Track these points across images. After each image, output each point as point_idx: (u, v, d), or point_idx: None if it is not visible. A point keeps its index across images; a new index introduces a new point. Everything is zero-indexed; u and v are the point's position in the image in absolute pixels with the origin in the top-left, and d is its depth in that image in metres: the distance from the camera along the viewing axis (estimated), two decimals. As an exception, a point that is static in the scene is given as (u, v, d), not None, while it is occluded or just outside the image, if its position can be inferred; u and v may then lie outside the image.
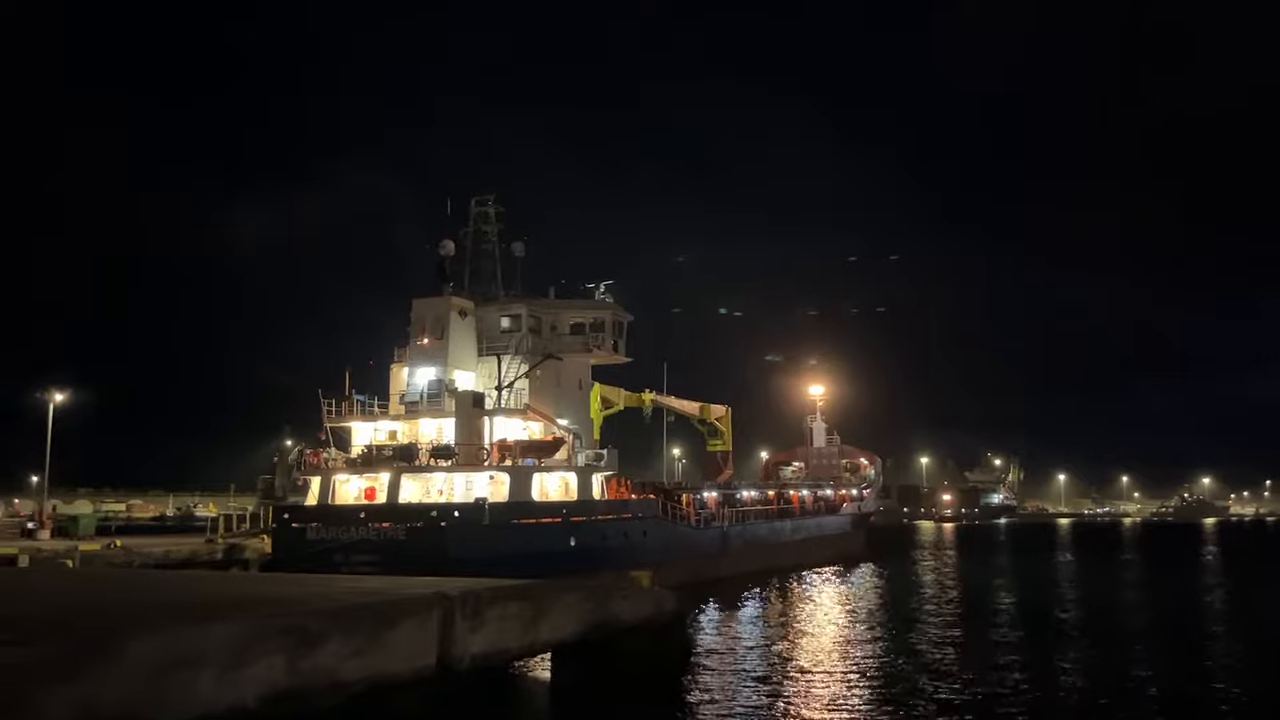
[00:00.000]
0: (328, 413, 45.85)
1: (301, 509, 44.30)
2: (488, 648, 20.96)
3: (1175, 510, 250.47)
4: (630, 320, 54.45)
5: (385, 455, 44.08)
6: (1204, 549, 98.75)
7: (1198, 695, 24.20)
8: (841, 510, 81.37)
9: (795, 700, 23.32)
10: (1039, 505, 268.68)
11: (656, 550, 48.60)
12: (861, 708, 22.41)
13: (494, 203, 52.50)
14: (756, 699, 23.47)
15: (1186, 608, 44.89)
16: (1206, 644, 32.93)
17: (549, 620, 23.39)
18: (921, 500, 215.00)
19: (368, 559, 39.27)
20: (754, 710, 22.33)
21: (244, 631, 15.04)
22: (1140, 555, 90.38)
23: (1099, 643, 32.75)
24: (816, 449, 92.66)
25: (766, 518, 66.80)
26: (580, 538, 44.42)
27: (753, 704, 22.93)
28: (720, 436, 79.47)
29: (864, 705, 22.67)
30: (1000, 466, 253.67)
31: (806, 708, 22.52)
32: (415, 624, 18.77)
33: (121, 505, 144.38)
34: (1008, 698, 23.49)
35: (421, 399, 46.32)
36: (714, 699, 23.60)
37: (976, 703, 22.84)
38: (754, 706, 22.69)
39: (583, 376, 52.99)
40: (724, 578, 53.04)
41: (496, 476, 43.75)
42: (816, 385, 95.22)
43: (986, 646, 31.38)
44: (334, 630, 16.78)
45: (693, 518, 56.03)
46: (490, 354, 48.09)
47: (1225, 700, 23.52)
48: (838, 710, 22.28)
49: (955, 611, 41.43)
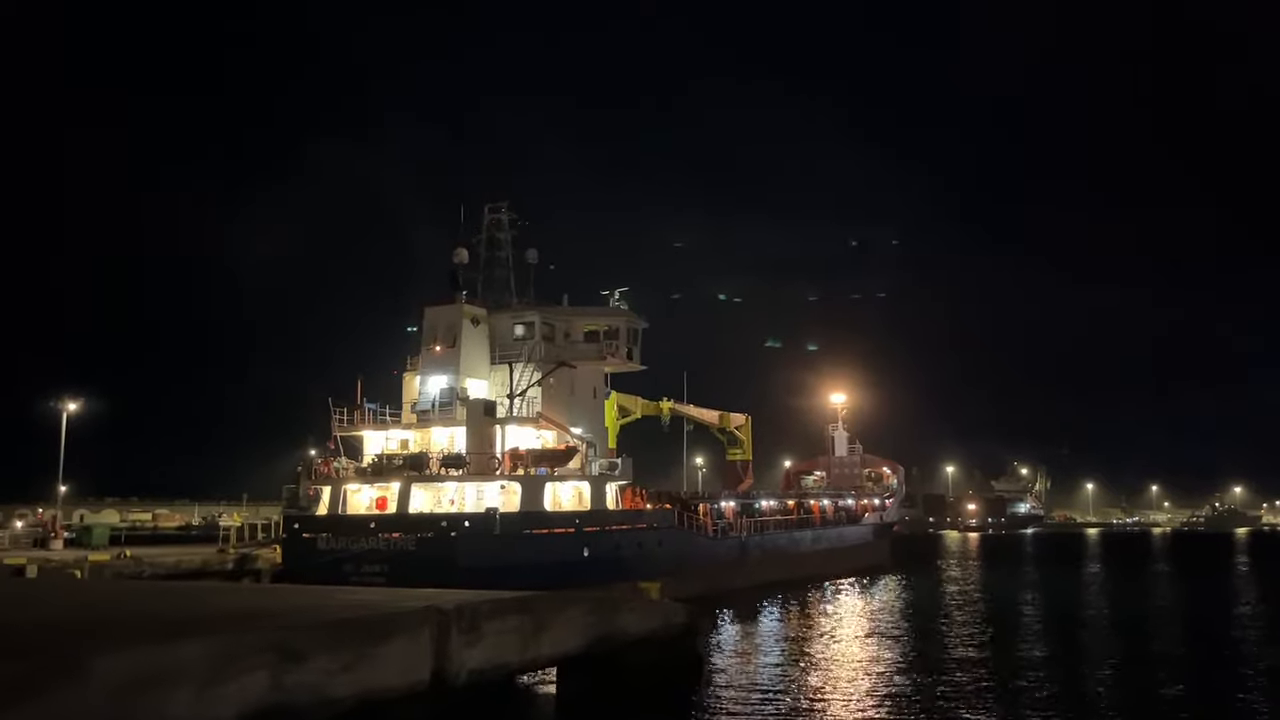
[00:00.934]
0: (338, 421, 45.48)
1: (312, 519, 43.95)
2: (485, 662, 20.41)
3: (1206, 520, 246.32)
4: (645, 327, 53.82)
5: (395, 465, 43.66)
6: (1236, 559, 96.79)
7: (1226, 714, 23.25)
8: (863, 520, 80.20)
9: (807, 718, 22.54)
10: (1067, 515, 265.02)
11: (672, 561, 47.82)
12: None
13: (507, 209, 52.08)
14: (766, 716, 22.69)
15: (1217, 619, 43.62)
16: (1239, 663, 31.84)
17: (551, 633, 22.78)
18: (947, 509, 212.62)
19: (377, 570, 38.91)
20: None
21: (221, 648, 14.50)
22: (1171, 566, 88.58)
23: (1128, 663, 31.74)
24: (838, 458, 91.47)
25: (786, 528, 65.84)
26: (593, 548, 43.77)
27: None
28: (740, 445, 78.59)
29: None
30: (1027, 475, 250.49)
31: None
32: (408, 638, 18.27)
33: (148, 514, 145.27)
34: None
35: (433, 407, 45.88)
36: (723, 714, 22.86)
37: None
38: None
39: (597, 384, 52.35)
40: (742, 589, 52.15)
41: (508, 486, 43.20)
42: (838, 393, 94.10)
43: (1011, 665, 30.40)
44: (320, 645, 16.26)
45: (710, 528, 55.23)
46: (503, 362, 47.55)
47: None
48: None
49: (979, 627, 40.40)
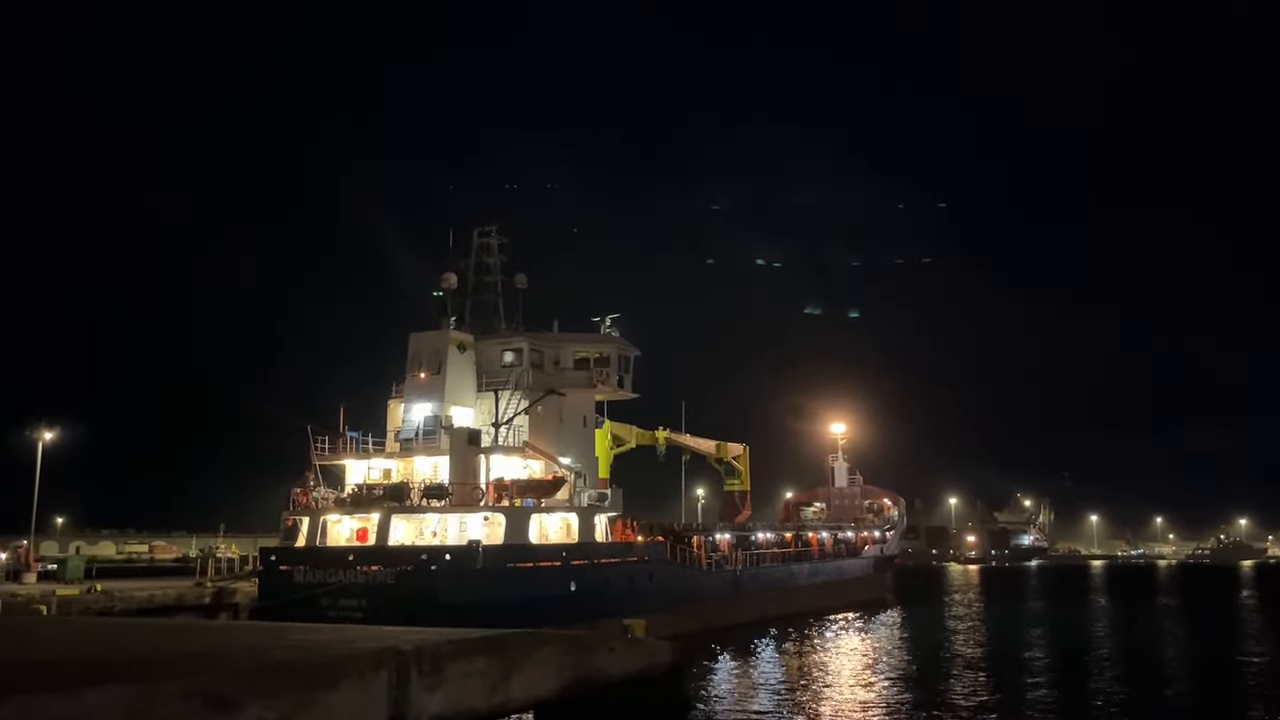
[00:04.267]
0: (318, 450, 44.09)
1: (289, 551, 42.50)
2: (448, 707, 18.82)
3: (1212, 552, 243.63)
4: (637, 355, 52.58)
5: (376, 495, 42.22)
6: (1241, 593, 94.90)
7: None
8: (863, 553, 78.50)
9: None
10: (1071, 547, 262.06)
11: (663, 595, 46.31)
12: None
13: (496, 234, 50.98)
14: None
15: (1224, 660, 42.00)
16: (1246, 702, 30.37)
17: (522, 675, 21.22)
18: (950, 541, 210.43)
19: (355, 604, 37.48)
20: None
21: (137, 696, 13.05)
22: (1177, 600, 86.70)
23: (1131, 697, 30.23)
24: (838, 489, 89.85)
25: (783, 560, 64.19)
26: (581, 582, 42.26)
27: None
28: (738, 476, 77.00)
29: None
30: (1031, 507, 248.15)
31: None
32: (358, 684, 16.67)
33: (144, 546, 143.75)
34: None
35: (417, 436, 44.54)
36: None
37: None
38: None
39: (587, 413, 50.96)
40: (737, 624, 50.52)
41: (492, 517, 41.75)
42: (838, 424, 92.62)
43: (1015, 705, 28.92)
44: (256, 692, 14.76)
45: (704, 561, 53.68)
46: (490, 389, 46.25)
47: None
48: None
49: (981, 666, 38.86)
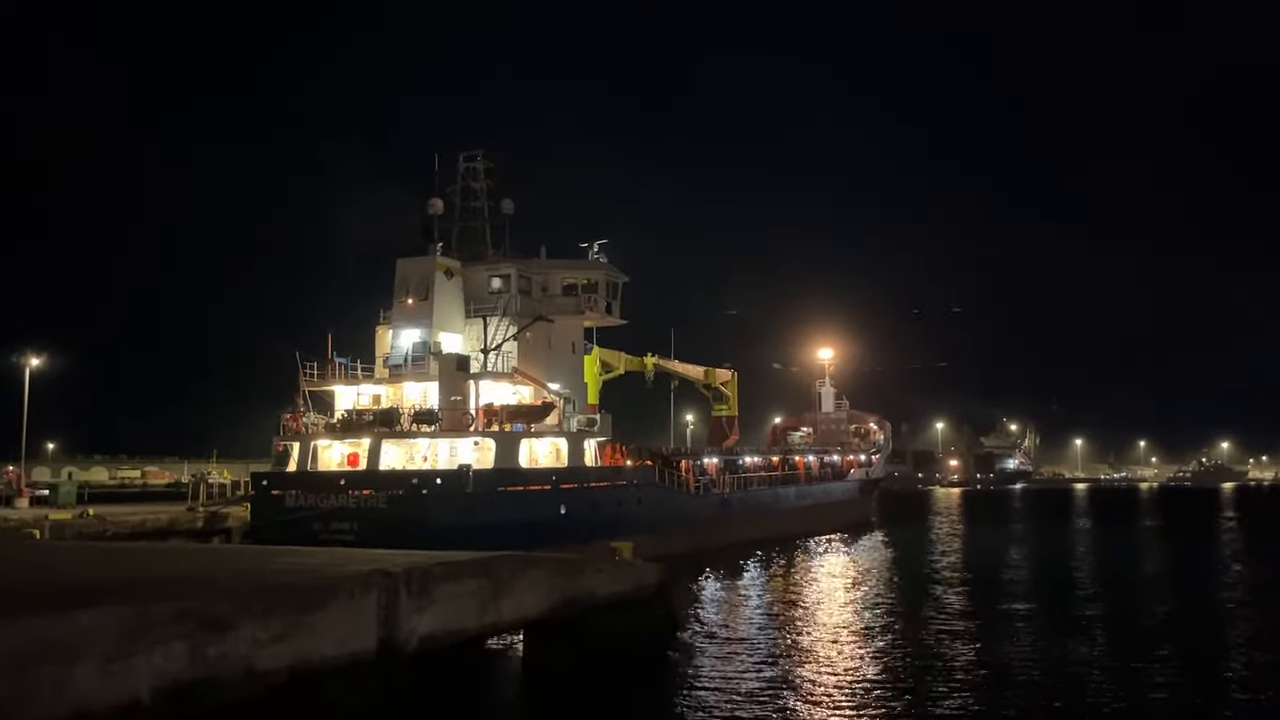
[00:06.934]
0: (307, 376, 44.09)
1: (280, 475, 42.75)
2: (439, 628, 19.34)
3: (1193, 475, 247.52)
4: (625, 281, 52.38)
5: (366, 420, 42.37)
6: (1222, 514, 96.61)
7: (1209, 675, 22.38)
8: (849, 476, 79.46)
9: (785, 681, 21.56)
10: (1055, 471, 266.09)
11: (652, 518, 46.90)
12: (856, 688, 20.66)
13: (483, 158, 50.28)
14: (741, 679, 21.72)
15: (1200, 578, 42.94)
16: (1221, 620, 31.13)
17: (512, 597, 21.71)
18: (936, 465, 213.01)
19: (347, 528, 37.81)
20: (737, 691, 20.59)
21: (131, 618, 13.31)
22: (1157, 520, 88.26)
23: (1106, 617, 30.96)
24: (825, 414, 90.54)
25: (770, 484, 65.00)
26: (570, 506, 42.74)
27: (737, 684, 21.19)
28: (725, 401, 77.45)
29: (859, 685, 20.91)
30: (1016, 432, 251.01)
31: (797, 690, 20.75)
32: (348, 605, 17.15)
33: (137, 471, 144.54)
34: (1015, 680, 21.72)
35: (405, 362, 44.47)
36: (695, 678, 21.90)
37: (983, 687, 21.10)
38: (738, 687, 20.94)
39: (575, 339, 50.96)
40: (725, 546, 51.34)
41: (482, 442, 42.01)
42: (826, 349, 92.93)
43: (993, 622, 29.61)
44: (248, 614, 15.11)
45: (692, 485, 54.28)
46: (478, 315, 46.06)
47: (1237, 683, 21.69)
48: (830, 692, 20.54)
49: (963, 585, 39.63)
